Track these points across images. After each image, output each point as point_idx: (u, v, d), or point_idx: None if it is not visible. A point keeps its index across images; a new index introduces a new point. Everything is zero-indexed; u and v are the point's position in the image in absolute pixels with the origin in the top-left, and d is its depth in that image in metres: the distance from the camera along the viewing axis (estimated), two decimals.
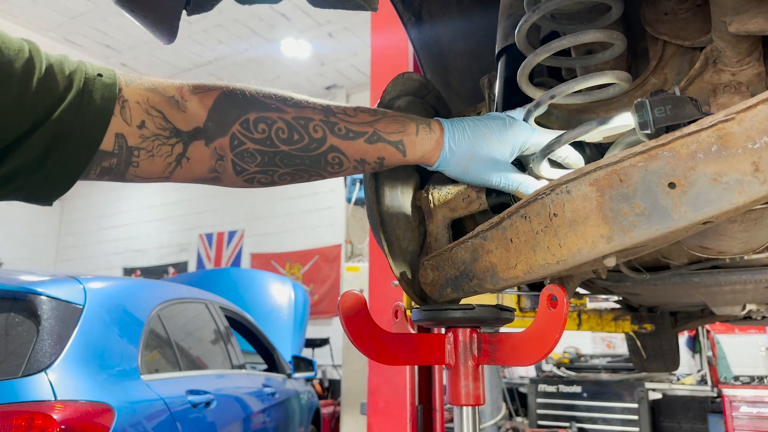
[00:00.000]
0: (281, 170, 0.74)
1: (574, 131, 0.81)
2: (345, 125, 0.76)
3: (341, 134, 0.75)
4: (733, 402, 4.72)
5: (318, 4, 0.88)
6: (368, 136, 0.77)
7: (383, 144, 0.78)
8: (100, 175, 0.66)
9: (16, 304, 2.08)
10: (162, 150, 0.67)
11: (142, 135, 0.66)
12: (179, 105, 0.69)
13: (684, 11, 0.88)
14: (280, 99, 0.74)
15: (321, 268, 9.50)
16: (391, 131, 0.79)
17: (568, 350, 6.73)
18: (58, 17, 7.76)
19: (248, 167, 0.72)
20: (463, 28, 1.35)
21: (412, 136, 0.80)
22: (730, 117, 0.59)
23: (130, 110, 0.65)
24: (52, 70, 0.62)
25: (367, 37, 5.12)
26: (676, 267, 1.60)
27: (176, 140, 0.68)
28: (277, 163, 0.73)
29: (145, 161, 0.67)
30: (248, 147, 0.71)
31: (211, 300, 3.51)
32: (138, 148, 0.66)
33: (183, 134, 0.69)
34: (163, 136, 0.67)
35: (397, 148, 0.79)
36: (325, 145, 0.75)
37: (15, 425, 1.77)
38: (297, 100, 0.75)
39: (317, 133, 0.74)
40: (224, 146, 0.71)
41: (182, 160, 0.69)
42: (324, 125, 0.75)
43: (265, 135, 0.72)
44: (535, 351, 0.75)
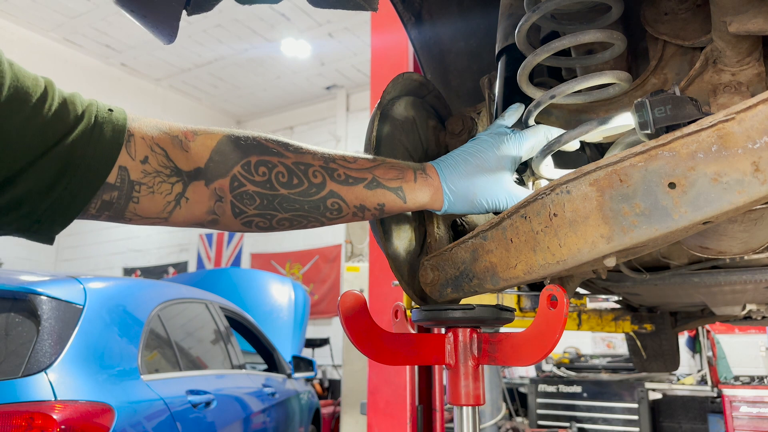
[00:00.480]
0: (280, 215, 0.74)
1: (574, 131, 0.81)
2: (344, 171, 0.76)
3: (340, 180, 0.76)
4: (733, 402, 4.72)
5: (318, 4, 0.88)
6: (367, 183, 0.77)
7: (383, 190, 0.78)
8: (100, 210, 0.66)
9: (16, 304, 2.08)
10: (162, 187, 0.68)
11: (144, 170, 0.66)
12: (182, 144, 0.70)
13: (684, 11, 0.88)
14: (281, 144, 0.75)
15: (321, 268, 9.50)
16: (390, 177, 0.79)
17: (568, 350, 6.73)
18: (58, 17, 7.76)
19: (247, 210, 0.72)
20: (463, 28, 1.35)
21: (411, 183, 0.80)
22: (730, 117, 0.59)
23: (135, 144, 0.66)
24: (65, 102, 0.63)
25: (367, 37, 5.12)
26: (676, 267, 1.60)
27: (176, 179, 0.69)
28: (276, 207, 0.73)
29: (146, 198, 0.67)
30: (248, 189, 0.72)
31: (211, 300, 3.51)
32: (139, 183, 0.66)
33: (183, 174, 0.69)
34: (164, 174, 0.68)
35: (397, 195, 0.79)
36: (325, 190, 0.75)
37: (15, 425, 1.77)
38: (297, 146, 0.76)
39: (317, 178, 0.74)
40: (224, 187, 0.71)
41: (181, 200, 0.70)
42: (323, 171, 0.75)
43: (266, 178, 0.72)
44: (535, 351, 0.75)
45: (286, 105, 10.43)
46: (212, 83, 9.61)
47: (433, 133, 1.05)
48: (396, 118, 0.96)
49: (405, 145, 0.97)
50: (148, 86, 9.50)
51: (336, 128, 9.87)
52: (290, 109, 10.50)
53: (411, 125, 0.99)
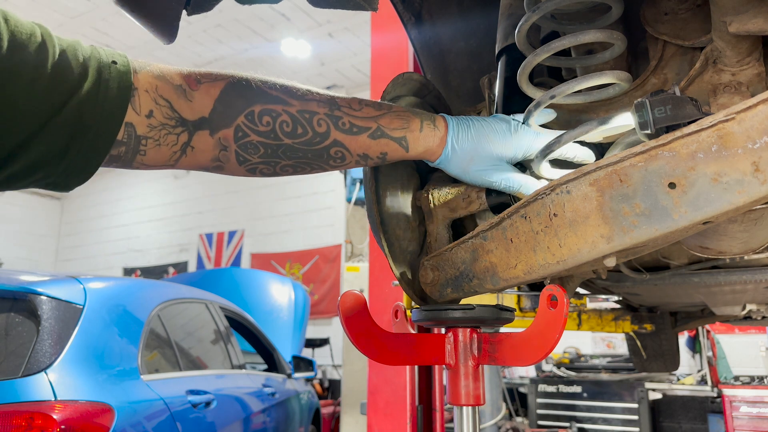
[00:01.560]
0: (284, 162, 0.75)
1: (574, 131, 0.81)
2: (349, 119, 0.76)
3: (345, 129, 0.76)
4: (733, 402, 4.72)
5: (318, 4, 0.88)
6: (372, 132, 0.77)
7: (386, 140, 0.79)
8: (108, 162, 0.66)
9: (16, 304, 2.08)
10: (168, 139, 0.68)
11: (150, 124, 0.66)
12: (186, 94, 0.69)
13: (684, 11, 0.88)
14: (285, 91, 0.74)
15: (321, 268, 9.50)
16: (395, 127, 0.79)
17: (568, 350, 6.73)
18: (58, 17, 7.76)
19: (251, 158, 0.73)
20: (463, 28, 1.35)
21: (416, 132, 0.80)
22: (730, 117, 0.59)
23: (139, 99, 0.66)
24: (66, 56, 0.61)
25: (367, 37, 5.12)
26: (676, 267, 1.60)
27: (182, 129, 0.69)
28: (280, 155, 0.74)
29: (152, 150, 0.67)
30: (252, 139, 0.72)
31: (211, 300, 3.51)
32: (146, 137, 0.66)
33: (188, 123, 0.69)
34: (170, 126, 0.68)
35: (400, 144, 0.80)
36: (329, 139, 0.75)
37: (15, 425, 1.77)
38: (302, 92, 0.75)
39: (321, 127, 0.75)
40: (228, 137, 0.71)
41: (187, 149, 0.70)
42: (328, 119, 0.75)
43: (270, 128, 0.72)
44: (535, 351, 0.75)
45: None
46: None
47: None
48: None
49: None
50: None
51: None
52: None
53: None
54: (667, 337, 3.21)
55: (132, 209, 12.13)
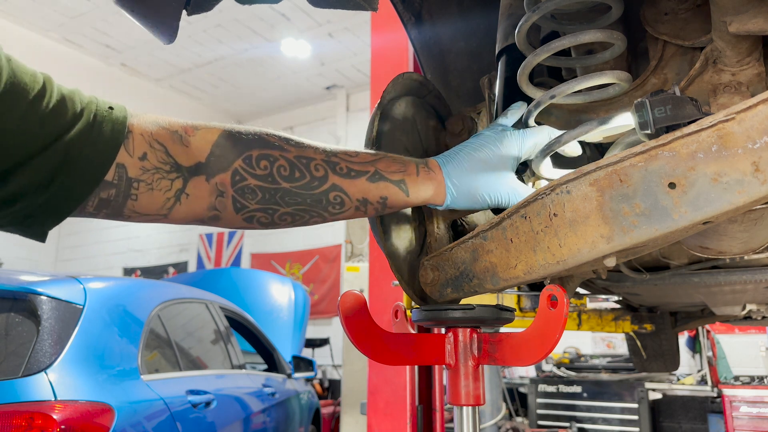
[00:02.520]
0: (282, 209, 0.73)
1: (574, 131, 0.81)
2: (346, 164, 0.76)
3: (343, 173, 0.75)
4: (733, 402, 4.72)
5: (318, 4, 0.88)
6: (370, 175, 0.77)
7: (386, 183, 0.78)
8: (98, 208, 0.65)
9: (16, 304, 2.08)
10: (162, 184, 0.67)
11: (143, 167, 0.65)
12: (182, 140, 0.69)
13: (684, 11, 0.88)
14: (282, 138, 0.74)
15: (321, 268, 9.50)
16: (393, 171, 0.78)
17: (568, 350, 6.73)
18: (58, 17, 7.76)
19: (249, 204, 0.72)
20: (463, 28, 1.35)
21: (414, 176, 0.80)
22: (730, 117, 0.59)
23: (133, 141, 0.65)
24: (64, 99, 0.62)
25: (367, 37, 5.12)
26: (676, 267, 1.60)
27: (176, 175, 0.68)
28: (278, 201, 0.72)
29: (144, 195, 0.66)
30: (249, 183, 0.71)
31: (211, 300, 3.51)
32: (138, 180, 0.65)
33: (183, 169, 0.68)
34: (164, 170, 0.67)
35: (399, 188, 0.79)
36: (327, 183, 0.74)
37: (15, 425, 1.77)
38: (298, 141, 0.75)
39: (319, 171, 0.74)
40: (225, 182, 0.70)
41: (181, 196, 0.69)
42: (325, 164, 0.75)
43: (267, 171, 0.71)
44: (535, 351, 0.75)
45: (286, 105, 10.43)
46: (212, 83, 9.61)
47: (433, 133, 1.05)
48: (396, 118, 0.96)
49: (405, 145, 0.97)
50: (148, 86, 9.50)
51: (336, 128, 9.87)
52: (290, 109, 10.50)
53: (411, 125, 0.99)
54: (667, 337, 3.21)
55: None
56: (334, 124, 9.93)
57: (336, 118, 9.94)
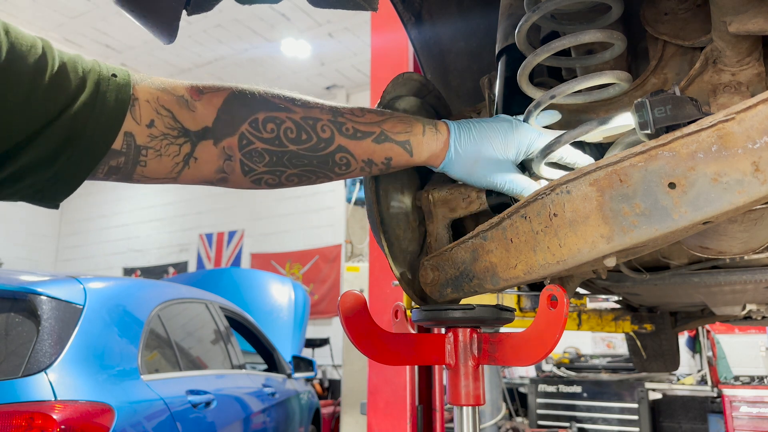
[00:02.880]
0: (289, 171, 0.74)
1: (574, 131, 0.81)
2: (353, 125, 0.76)
3: (349, 134, 0.75)
4: (733, 402, 4.72)
5: (318, 4, 0.88)
6: (376, 136, 0.77)
7: (391, 144, 0.78)
8: (108, 174, 0.65)
9: (16, 304, 2.08)
10: (170, 149, 0.67)
11: (150, 134, 0.65)
12: (188, 104, 0.69)
13: (684, 11, 0.88)
14: (288, 99, 0.75)
15: (321, 268, 9.50)
16: (399, 131, 0.79)
17: (568, 350, 6.73)
18: (58, 17, 7.76)
19: (256, 167, 0.72)
20: (463, 28, 1.35)
21: (419, 137, 0.80)
22: (730, 117, 0.59)
23: (139, 109, 0.65)
24: (65, 69, 0.61)
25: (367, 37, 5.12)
26: (676, 267, 1.59)
27: (184, 140, 0.68)
28: (285, 163, 0.73)
29: (153, 161, 0.66)
30: (257, 146, 0.71)
31: (211, 300, 3.51)
32: (146, 147, 0.65)
33: (191, 134, 0.68)
34: (172, 136, 0.67)
35: (404, 148, 0.79)
36: (333, 144, 0.75)
37: (15, 425, 1.77)
38: (305, 101, 0.75)
39: (325, 132, 0.74)
40: (233, 146, 0.71)
41: (190, 160, 0.69)
42: (332, 125, 0.75)
43: (274, 134, 0.72)
44: (535, 351, 0.75)
45: None
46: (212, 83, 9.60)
47: None
48: None
49: None
50: None
51: None
52: None
53: None
54: (667, 337, 3.21)
55: (132, 209, 12.13)
56: None
57: None
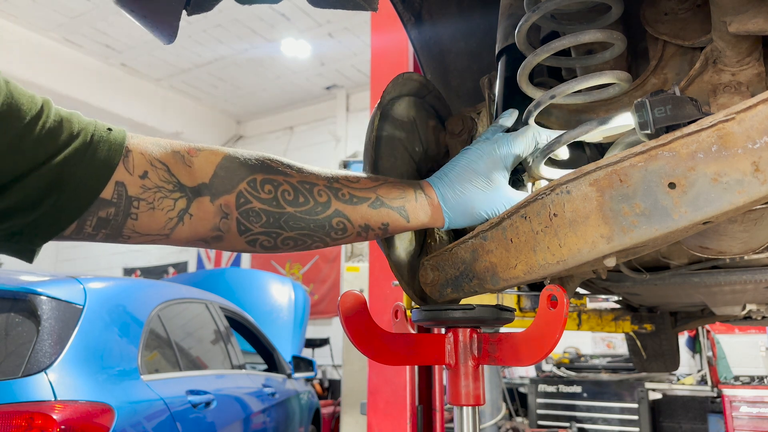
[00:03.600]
0: (285, 234, 0.73)
1: (574, 131, 0.81)
2: (348, 191, 0.76)
3: (345, 199, 0.76)
4: (733, 402, 4.72)
5: (318, 4, 0.88)
6: (371, 202, 0.77)
7: (387, 210, 0.78)
8: (96, 228, 0.63)
9: (16, 304, 2.08)
10: (164, 203, 0.66)
11: (143, 185, 0.64)
12: (185, 160, 0.69)
13: (684, 11, 0.88)
14: (284, 164, 0.75)
15: (321, 268, 9.49)
16: (393, 197, 0.79)
17: (568, 350, 6.73)
18: (58, 17, 7.76)
19: (253, 227, 0.71)
20: (463, 28, 1.35)
21: (413, 202, 0.81)
22: (730, 117, 0.59)
23: (133, 160, 0.64)
24: (61, 122, 0.61)
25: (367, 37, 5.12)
26: (676, 267, 1.59)
27: (179, 195, 0.67)
28: (282, 225, 0.72)
29: (145, 214, 0.65)
30: (254, 206, 0.71)
31: (211, 300, 3.51)
32: (138, 199, 0.64)
33: (187, 189, 0.68)
34: (166, 189, 0.66)
35: (400, 214, 0.79)
36: (330, 209, 0.75)
37: (15, 425, 1.77)
38: (299, 167, 0.76)
39: (322, 197, 0.74)
40: (230, 204, 0.70)
41: (185, 216, 0.68)
42: (328, 190, 0.75)
43: (272, 195, 0.72)
44: (535, 351, 0.75)
45: (286, 105, 10.43)
46: (212, 83, 9.61)
47: (433, 133, 1.05)
48: (396, 118, 0.96)
49: (405, 145, 0.97)
50: (148, 86, 9.50)
51: (336, 128, 9.87)
52: (290, 109, 10.50)
53: (411, 125, 0.99)
54: (667, 337, 3.21)
55: None
56: (334, 124, 9.93)
57: (336, 118, 9.93)
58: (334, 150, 9.61)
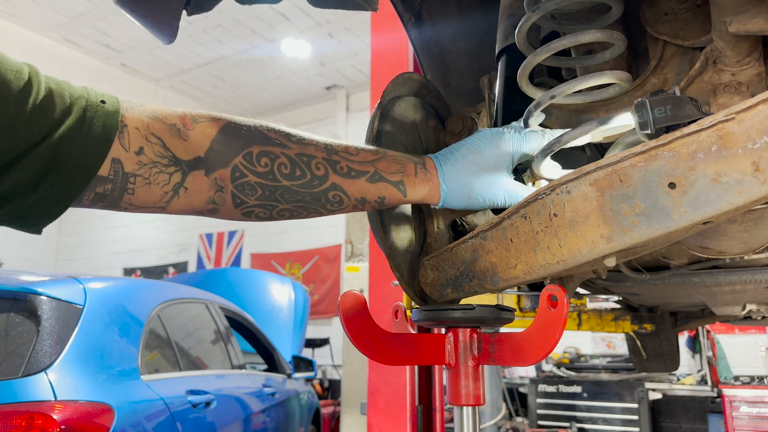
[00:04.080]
0: (281, 206, 0.73)
1: (574, 131, 0.81)
2: (347, 164, 0.76)
3: (343, 173, 0.75)
4: (733, 402, 4.72)
5: (318, 4, 0.88)
6: (370, 176, 0.77)
7: (385, 184, 0.78)
8: (94, 201, 0.64)
9: (16, 304, 2.08)
10: (159, 178, 0.66)
11: (139, 161, 0.64)
12: (180, 133, 0.68)
13: (684, 11, 0.88)
14: (283, 134, 0.74)
15: (321, 268, 9.50)
16: (392, 171, 0.79)
17: (568, 350, 6.73)
18: (58, 17, 7.76)
19: (248, 200, 0.72)
20: (463, 28, 1.35)
21: (412, 177, 0.80)
22: (730, 117, 0.59)
23: (128, 135, 0.64)
24: (52, 94, 0.60)
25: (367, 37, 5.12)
26: (676, 267, 1.60)
27: (175, 169, 0.67)
28: (278, 198, 0.72)
29: (141, 189, 0.65)
30: (250, 180, 0.71)
31: (211, 300, 3.51)
32: (134, 175, 0.64)
33: (182, 163, 0.68)
34: (162, 164, 0.66)
35: (398, 189, 0.79)
36: (327, 182, 0.74)
37: (15, 425, 1.77)
38: (300, 137, 0.75)
39: (320, 170, 0.74)
40: (225, 177, 0.70)
41: (180, 190, 0.68)
42: (326, 163, 0.75)
43: (268, 169, 0.71)
44: (535, 351, 0.75)
45: (286, 105, 10.43)
46: (212, 83, 9.61)
47: (433, 133, 1.05)
48: (396, 118, 0.96)
49: (405, 145, 0.97)
50: (148, 86, 9.50)
51: (336, 128, 9.87)
52: (290, 109, 10.50)
53: (411, 125, 0.99)
54: (667, 337, 3.21)
55: None
56: (334, 124, 9.93)
57: (336, 118, 9.94)
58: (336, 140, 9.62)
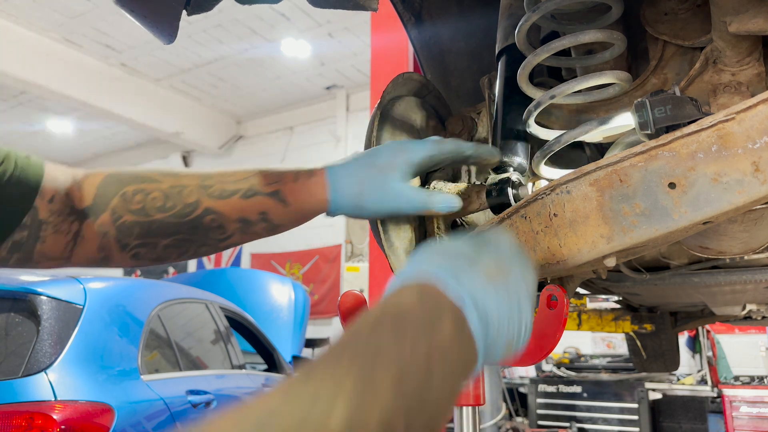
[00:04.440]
0: (162, 241, 0.73)
1: (574, 131, 0.81)
2: (220, 186, 0.74)
3: (215, 195, 0.73)
4: (733, 402, 4.72)
5: (318, 4, 0.88)
6: (242, 193, 0.74)
7: (260, 197, 0.74)
8: (11, 251, 0.67)
9: (16, 304, 2.08)
10: (63, 226, 0.70)
11: (50, 209, 0.69)
12: (78, 185, 0.72)
13: (684, 11, 0.88)
14: (161, 173, 0.75)
15: (321, 268, 9.49)
16: (267, 183, 0.75)
17: (568, 350, 6.74)
18: (58, 17, 7.76)
19: (129, 241, 0.72)
20: (463, 28, 1.35)
21: (291, 184, 0.76)
22: (730, 117, 0.59)
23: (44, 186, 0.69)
24: None
25: (367, 37, 5.12)
26: (676, 267, 1.60)
27: (74, 218, 0.71)
28: (155, 232, 0.72)
29: (50, 237, 0.69)
30: (126, 219, 0.72)
31: (211, 300, 3.51)
32: (46, 222, 0.68)
33: (78, 212, 0.71)
34: (65, 213, 0.70)
35: (276, 200, 0.75)
36: (200, 208, 0.73)
37: (15, 425, 1.77)
38: (177, 172, 0.75)
39: (191, 197, 0.73)
40: (106, 221, 0.72)
41: (78, 238, 0.72)
42: (198, 189, 0.73)
43: (141, 206, 0.72)
44: (535, 351, 0.75)
45: (286, 105, 10.43)
46: (212, 83, 9.61)
47: (433, 133, 1.05)
48: (396, 119, 0.96)
49: None
50: (148, 86, 9.50)
51: (336, 128, 9.87)
52: (290, 109, 10.50)
53: (411, 125, 0.99)
54: (667, 337, 3.21)
55: None
56: (334, 124, 9.93)
57: (336, 118, 9.94)
58: (334, 150, 9.61)
